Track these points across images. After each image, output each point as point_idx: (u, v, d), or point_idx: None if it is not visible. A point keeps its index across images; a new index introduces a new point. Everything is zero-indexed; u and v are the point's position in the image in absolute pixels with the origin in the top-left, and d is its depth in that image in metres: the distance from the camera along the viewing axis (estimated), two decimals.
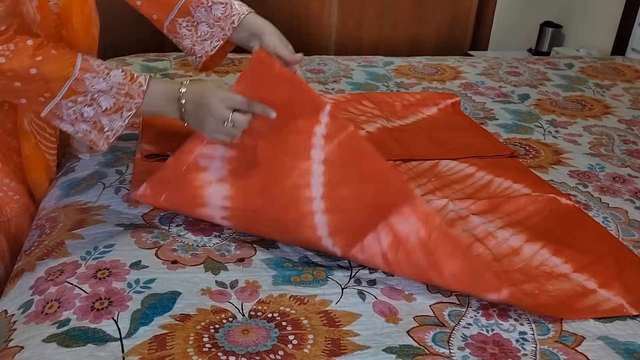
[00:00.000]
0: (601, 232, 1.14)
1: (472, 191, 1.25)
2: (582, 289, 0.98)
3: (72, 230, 1.05)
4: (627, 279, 1.00)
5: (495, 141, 1.51)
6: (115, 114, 1.00)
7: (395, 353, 0.82)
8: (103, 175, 1.25)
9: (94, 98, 0.98)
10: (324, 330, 0.86)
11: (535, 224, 1.15)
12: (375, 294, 0.95)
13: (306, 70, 2.00)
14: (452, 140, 1.50)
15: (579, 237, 1.12)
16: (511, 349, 0.85)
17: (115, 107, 0.99)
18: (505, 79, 2.04)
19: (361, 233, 0.96)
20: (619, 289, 0.97)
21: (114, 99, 0.98)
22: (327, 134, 0.99)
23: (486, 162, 1.38)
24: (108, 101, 0.98)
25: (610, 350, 0.86)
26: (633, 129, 1.69)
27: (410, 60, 2.19)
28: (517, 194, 1.24)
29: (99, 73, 0.97)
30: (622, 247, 1.09)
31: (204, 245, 1.04)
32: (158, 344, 0.81)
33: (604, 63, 2.26)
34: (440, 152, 1.43)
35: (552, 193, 1.24)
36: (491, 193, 1.25)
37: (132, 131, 1.45)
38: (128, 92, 0.99)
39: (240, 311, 0.89)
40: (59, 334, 0.82)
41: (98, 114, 0.99)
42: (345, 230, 0.97)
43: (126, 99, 0.99)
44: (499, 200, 1.21)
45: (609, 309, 0.93)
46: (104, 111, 0.99)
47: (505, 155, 1.43)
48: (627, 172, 1.43)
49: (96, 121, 1.00)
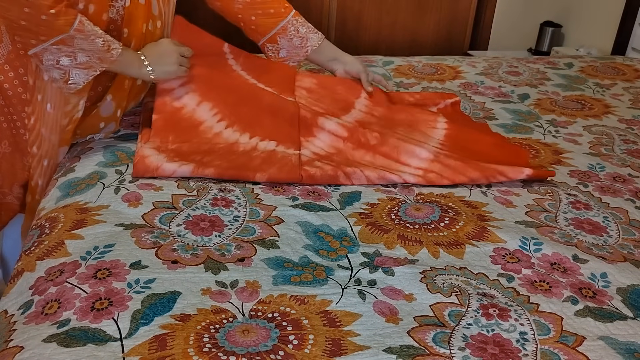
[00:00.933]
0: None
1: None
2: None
3: (72, 230, 1.05)
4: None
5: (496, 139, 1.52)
6: (83, 70, 1.23)
7: (396, 353, 0.82)
8: (103, 175, 1.25)
9: (74, 52, 1.20)
10: (324, 331, 0.86)
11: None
12: (376, 294, 0.95)
13: (306, 69, 2.00)
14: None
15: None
16: (512, 349, 0.85)
17: (86, 65, 1.22)
18: (505, 79, 2.04)
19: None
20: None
21: (88, 58, 1.21)
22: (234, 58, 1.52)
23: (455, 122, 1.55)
24: (83, 58, 1.21)
25: (610, 350, 0.86)
26: (633, 129, 1.69)
27: (410, 60, 2.19)
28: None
29: (87, 37, 1.19)
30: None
31: (204, 245, 1.04)
32: (158, 344, 0.81)
33: (604, 62, 2.26)
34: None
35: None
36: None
37: (132, 131, 1.45)
38: (101, 58, 1.23)
39: (240, 311, 0.89)
40: (59, 334, 0.82)
41: (72, 65, 1.21)
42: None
43: (97, 62, 1.23)
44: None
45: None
46: (77, 64, 1.21)
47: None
48: (628, 171, 1.43)
49: (66, 71, 1.22)
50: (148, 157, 1.25)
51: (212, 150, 1.31)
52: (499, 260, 1.06)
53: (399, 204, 1.22)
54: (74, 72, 1.22)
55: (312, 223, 1.13)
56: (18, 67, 1.26)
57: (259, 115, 1.40)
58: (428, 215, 1.19)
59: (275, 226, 1.11)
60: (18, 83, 1.27)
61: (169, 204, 1.15)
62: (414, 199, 1.25)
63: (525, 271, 1.03)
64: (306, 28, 1.55)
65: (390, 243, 1.09)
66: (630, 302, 0.97)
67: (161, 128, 1.33)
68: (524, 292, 0.98)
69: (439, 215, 1.19)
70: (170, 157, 1.26)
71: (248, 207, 1.16)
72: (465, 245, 1.09)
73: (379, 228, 1.13)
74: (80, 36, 1.18)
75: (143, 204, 1.14)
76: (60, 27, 1.15)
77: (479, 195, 1.28)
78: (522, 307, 0.94)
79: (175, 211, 1.13)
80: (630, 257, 1.09)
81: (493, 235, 1.12)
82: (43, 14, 1.13)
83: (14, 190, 1.39)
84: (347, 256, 1.05)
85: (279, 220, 1.13)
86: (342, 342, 0.84)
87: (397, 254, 1.06)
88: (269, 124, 1.38)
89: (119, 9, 1.28)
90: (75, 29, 1.16)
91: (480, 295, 0.96)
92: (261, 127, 1.37)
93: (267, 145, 1.33)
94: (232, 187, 1.23)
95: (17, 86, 1.27)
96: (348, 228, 1.13)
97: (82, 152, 1.35)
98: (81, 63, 1.21)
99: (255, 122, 1.38)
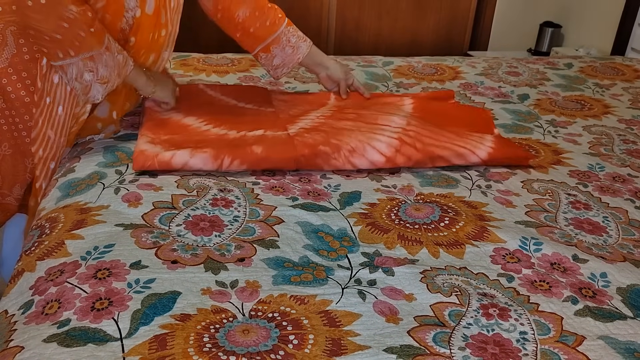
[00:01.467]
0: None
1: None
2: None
3: (72, 230, 1.05)
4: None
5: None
6: (102, 85, 1.26)
7: (396, 353, 0.82)
8: (103, 175, 1.25)
9: (96, 67, 1.22)
10: (324, 330, 0.86)
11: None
12: (376, 294, 0.95)
13: (306, 69, 2.00)
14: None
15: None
16: (512, 349, 0.85)
17: (106, 79, 1.25)
18: (505, 79, 2.04)
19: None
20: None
21: (108, 72, 1.24)
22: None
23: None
24: (104, 72, 1.24)
25: (610, 350, 0.86)
26: (633, 129, 1.69)
27: (410, 61, 2.19)
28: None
29: (112, 53, 1.23)
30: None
31: (204, 245, 1.04)
32: (158, 344, 0.81)
33: (604, 63, 2.26)
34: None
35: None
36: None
37: (132, 131, 1.45)
38: (119, 72, 1.27)
39: (240, 311, 0.89)
40: (59, 334, 0.82)
41: (94, 80, 1.24)
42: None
43: (115, 76, 1.27)
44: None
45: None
46: (98, 79, 1.24)
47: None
48: (627, 171, 1.43)
49: (88, 86, 1.25)
50: (145, 150, 1.28)
51: (204, 139, 1.36)
52: (499, 260, 1.06)
53: (399, 204, 1.22)
54: (94, 87, 1.25)
55: (312, 223, 1.13)
56: (21, 71, 1.26)
57: (242, 118, 1.50)
58: (428, 215, 1.19)
59: (275, 226, 1.11)
60: (21, 87, 1.27)
61: (168, 204, 1.15)
62: (414, 199, 1.25)
63: (525, 271, 1.03)
64: (296, 37, 1.62)
65: (390, 243, 1.09)
66: (630, 301, 0.97)
67: (152, 126, 1.40)
68: (524, 292, 0.98)
69: (439, 215, 1.19)
70: (166, 147, 1.30)
71: (248, 207, 1.17)
72: (465, 245, 1.09)
73: (379, 228, 1.13)
74: (107, 53, 1.22)
75: (143, 204, 1.14)
76: (93, 45, 1.18)
77: (479, 195, 1.28)
78: (522, 307, 0.94)
79: (175, 211, 1.13)
80: (630, 257, 1.09)
81: (493, 235, 1.12)
82: (82, 31, 1.16)
83: (14, 191, 1.39)
84: (347, 256, 1.05)
85: (279, 220, 1.13)
86: (342, 342, 0.84)
87: (397, 254, 1.06)
88: (253, 122, 1.47)
89: (129, 19, 1.29)
90: (105, 46, 1.20)
91: (480, 295, 0.96)
92: (246, 124, 1.46)
93: (256, 133, 1.41)
94: (232, 187, 1.23)
95: (20, 89, 1.27)
96: (348, 228, 1.13)
97: (82, 153, 1.35)
98: (101, 78, 1.24)
99: (240, 122, 1.47)
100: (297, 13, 2.98)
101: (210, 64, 1.99)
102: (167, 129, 1.40)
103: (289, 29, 1.61)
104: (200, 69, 1.94)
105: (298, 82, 1.91)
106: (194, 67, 1.95)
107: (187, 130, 1.41)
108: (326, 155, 1.32)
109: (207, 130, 1.43)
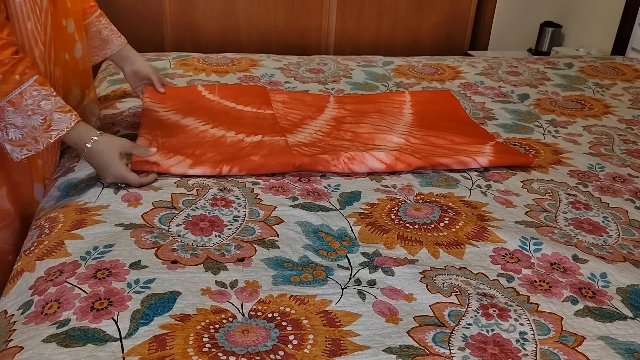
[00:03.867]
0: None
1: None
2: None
3: (72, 230, 1.05)
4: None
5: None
6: (17, 147, 1.10)
7: (396, 353, 0.82)
8: None
9: (6, 127, 1.07)
10: (324, 330, 0.86)
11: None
12: (375, 294, 0.95)
13: (306, 69, 2.00)
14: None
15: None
16: (511, 349, 0.85)
17: (19, 143, 1.09)
18: (505, 79, 2.04)
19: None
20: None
21: (21, 136, 1.08)
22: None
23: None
24: (16, 134, 1.08)
25: (610, 350, 0.86)
26: (633, 129, 1.69)
27: (410, 60, 2.19)
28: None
29: (22, 111, 1.06)
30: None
31: (203, 245, 1.04)
32: (158, 344, 0.81)
33: (604, 63, 2.26)
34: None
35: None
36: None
37: (131, 132, 1.45)
38: (36, 137, 1.09)
39: (240, 311, 0.89)
40: (59, 334, 0.82)
41: (4, 139, 1.09)
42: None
43: (31, 142, 1.09)
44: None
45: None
46: (10, 140, 1.09)
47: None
48: (627, 171, 1.43)
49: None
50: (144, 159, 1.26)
51: (201, 142, 1.38)
52: (498, 260, 1.06)
53: (399, 204, 1.22)
54: (7, 146, 1.10)
55: (311, 223, 1.13)
56: None
57: (241, 120, 1.52)
58: (428, 215, 1.19)
59: (275, 226, 1.11)
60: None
61: (168, 203, 1.15)
62: (414, 199, 1.25)
63: (525, 271, 1.03)
64: (109, 31, 1.52)
65: (390, 243, 1.09)
66: (630, 302, 0.97)
67: (149, 124, 1.43)
68: (523, 292, 0.98)
69: (438, 215, 1.19)
70: (164, 153, 1.30)
71: (248, 207, 1.16)
72: (465, 245, 1.09)
73: (379, 228, 1.13)
74: (12, 110, 1.05)
75: (143, 203, 1.14)
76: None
77: (478, 195, 1.28)
78: (522, 307, 0.94)
79: (175, 211, 1.13)
80: (630, 257, 1.09)
81: (493, 235, 1.12)
82: None
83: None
84: (347, 256, 1.04)
85: (278, 220, 1.13)
86: (341, 342, 0.84)
87: (397, 254, 1.06)
88: (252, 126, 1.48)
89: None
90: (7, 101, 1.04)
91: (480, 295, 0.96)
92: (244, 127, 1.47)
93: (254, 138, 1.41)
94: (232, 187, 1.23)
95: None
96: (348, 228, 1.13)
97: None
98: (13, 140, 1.08)
99: (238, 124, 1.49)
100: (297, 13, 2.98)
101: (210, 64, 1.99)
102: (165, 130, 1.41)
103: (101, 20, 1.51)
104: (200, 68, 1.94)
105: (298, 82, 1.91)
106: (194, 67, 1.95)
107: (185, 132, 1.42)
108: (326, 162, 1.32)
109: (205, 130, 1.43)
